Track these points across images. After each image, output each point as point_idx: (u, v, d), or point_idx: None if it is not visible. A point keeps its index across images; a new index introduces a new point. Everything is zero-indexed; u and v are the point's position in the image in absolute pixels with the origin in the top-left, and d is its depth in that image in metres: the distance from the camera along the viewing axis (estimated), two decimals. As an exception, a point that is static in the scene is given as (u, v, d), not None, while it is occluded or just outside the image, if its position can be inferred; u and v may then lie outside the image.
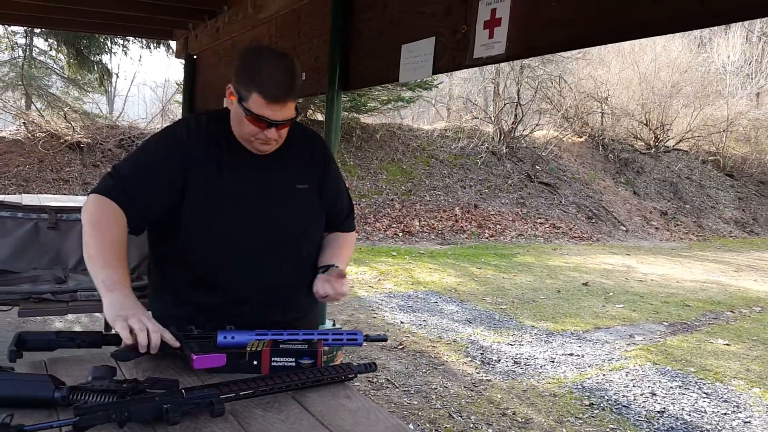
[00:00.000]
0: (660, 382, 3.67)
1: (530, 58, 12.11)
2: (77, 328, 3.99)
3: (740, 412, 3.28)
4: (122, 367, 1.16)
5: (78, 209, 2.20)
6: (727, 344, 4.60)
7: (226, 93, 1.28)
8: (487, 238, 9.48)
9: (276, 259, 1.35)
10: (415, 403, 3.13)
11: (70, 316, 4.13)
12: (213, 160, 1.30)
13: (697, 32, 15.78)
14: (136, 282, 1.85)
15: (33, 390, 0.97)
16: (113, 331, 1.08)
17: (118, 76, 13.30)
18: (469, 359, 3.88)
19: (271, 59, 1.25)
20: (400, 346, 4.04)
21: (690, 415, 3.20)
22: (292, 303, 1.41)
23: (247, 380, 1.05)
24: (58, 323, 4.02)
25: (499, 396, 3.29)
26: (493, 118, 12.76)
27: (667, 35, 14.77)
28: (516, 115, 12.54)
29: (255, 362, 1.17)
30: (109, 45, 9.42)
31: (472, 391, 3.35)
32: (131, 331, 1.04)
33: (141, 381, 1.00)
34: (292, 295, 1.40)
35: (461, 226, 9.59)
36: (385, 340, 1.34)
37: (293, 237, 1.37)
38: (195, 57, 4.45)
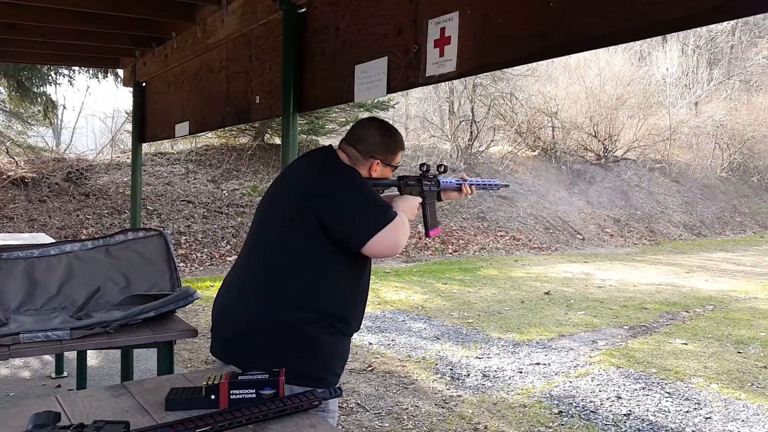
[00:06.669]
0: (624, 385, 3.74)
1: (481, 77, 12.46)
2: (26, 374, 3.75)
3: (701, 409, 3.38)
4: (67, 411, 1.09)
5: (20, 247, 2.07)
6: (685, 344, 4.75)
7: (371, 167, 1.63)
8: (450, 253, 9.55)
9: None
10: (387, 425, 3.08)
11: (17, 361, 3.88)
12: None
13: (637, 47, 16.64)
14: (84, 320, 1.75)
15: (-34, 445, 0.89)
16: None
17: (65, 108, 12.78)
18: (439, 376, 3.86)
19: (387, 124, 1.71)
20: (369, 368, 3.99)
21: (655, 416, 3.26)
22: None
23: (204, 416, 1.00)
24: (3, 369, 3.78)
25: (470, 411, 3.27)
26: (449, 136, 13.00)
27: (609, 49, 15.39)
28: (471, 133, 12.82)
29: (213, 396, 1.12)
30: (53, 76, 9.08)
31: (443, 408, 3.32)
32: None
33: (87, 425, 0.93)
34: None
35: (425, 243, 9.63)
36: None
37: None
38: (144, 84, 4.35)
